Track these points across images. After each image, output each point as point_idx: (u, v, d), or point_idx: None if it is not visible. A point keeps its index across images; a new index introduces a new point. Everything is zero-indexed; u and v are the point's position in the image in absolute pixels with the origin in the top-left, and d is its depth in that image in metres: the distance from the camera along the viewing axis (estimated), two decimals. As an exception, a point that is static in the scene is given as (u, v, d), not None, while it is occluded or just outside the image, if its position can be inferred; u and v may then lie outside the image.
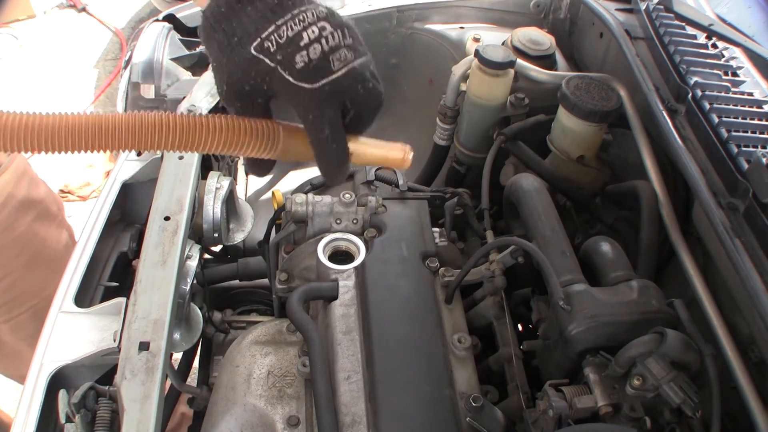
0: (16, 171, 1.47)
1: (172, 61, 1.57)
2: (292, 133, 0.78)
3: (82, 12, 4.62)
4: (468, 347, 1.03)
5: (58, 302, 1.02)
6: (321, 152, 0.78)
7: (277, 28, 0.70)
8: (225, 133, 0.72)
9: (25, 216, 1.49)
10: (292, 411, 0.95)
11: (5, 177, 1.44)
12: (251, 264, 1.47)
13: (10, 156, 1.46)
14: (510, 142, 1.42)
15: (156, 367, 0.89)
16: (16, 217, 1.47)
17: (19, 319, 1.55)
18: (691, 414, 0.85)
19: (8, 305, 1.52)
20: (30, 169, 1.56)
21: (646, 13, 1.46)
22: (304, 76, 0.71)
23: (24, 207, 1.49)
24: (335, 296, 1.07)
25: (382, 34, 1.87)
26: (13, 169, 1.46)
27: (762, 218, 0.96)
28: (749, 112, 1.17)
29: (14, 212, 1.46)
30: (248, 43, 0.70)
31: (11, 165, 1.46)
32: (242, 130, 0.73)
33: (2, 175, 1.43)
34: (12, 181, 1.46)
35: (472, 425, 0.92)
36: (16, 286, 1.51)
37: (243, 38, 0.70)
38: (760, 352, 0.95)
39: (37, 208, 1.53)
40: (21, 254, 1.49)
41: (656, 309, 0.98)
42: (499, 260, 1.10)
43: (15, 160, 1.47)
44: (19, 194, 1.48)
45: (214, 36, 0.72)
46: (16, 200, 1.47)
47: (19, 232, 1.48)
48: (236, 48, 0.71)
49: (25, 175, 1.51)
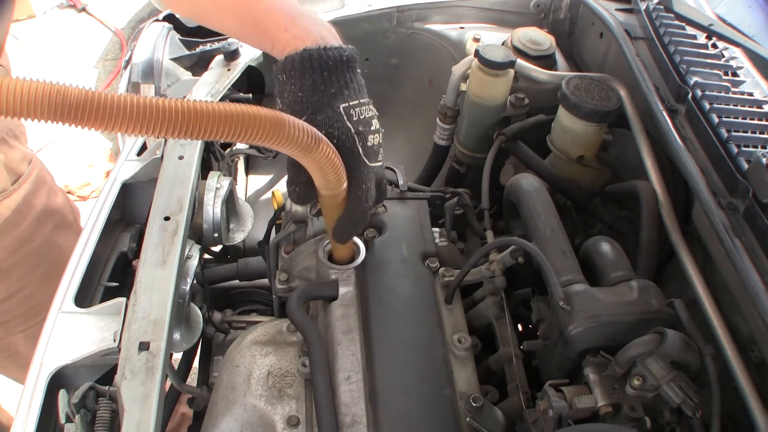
0: (35, 181, 1.45)
1: (172, 61, 1.57)
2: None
3: (82, 12, 4.63)
4: (468, 347, 1.03)
5: (58, 302, 1.02)
6: (352, 215, 0.93)
7: (360, 105, 0.86)
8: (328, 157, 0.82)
9: (44, 227, 1.47)
10: (292, 411, 0.95)
11: (25, 187, 1.41)
12: (251, 264, 1.47)
13: (30, 165, 1.44)
14: (510, 142, 1.42)
15: (156, 367, 0.89)
16: (36, 228, 1.44)
17: (35, 329, 1.53)
18: (691, 414, 0.85)
19: (24, 315, 1.50)
20: (49, 178, 1.53)
21: (646, 13, 1.46)
22: (368, 154, 0.89)
23: (43, 217, 1.46)
24: (335, 296, 1.07)
25: (382, 34, 1.88)
26: (32, 179, 1.44)
27: (762, 218, 0.96)
28: (749, 112, 1.18)
29: (33, 223, 1.44)
30: (340, 101, 0.84)
31: (31, 175, 1.43)
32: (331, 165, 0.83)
33: (22, 186, 1.41)
34: (32, 192, 1.43)
35: (472, 425, 0.92)
36: (33, 297, 1.48)
37: (337, 94, 0.84)
38: (760, 352, 0.95)
39: (55, 218, 1.51)
40: (39, 265, 1.46)
41: (656, 309, 0.98)
42: (499, 260, 1.10)
43: (35, 170, 1.45)
44: (38, 204, 1.45)
45: (311, 75, 0.83)
46: (35, 211, 1.44)
47: (37, 244, 1.45)
48: (327, 96, 0.84)
49: (44, 185, 1.49)
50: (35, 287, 1.48)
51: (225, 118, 0.67)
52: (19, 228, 1.41)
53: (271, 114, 0.70)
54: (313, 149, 0.77)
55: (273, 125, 0.71)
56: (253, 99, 1.61)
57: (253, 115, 0.69)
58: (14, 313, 1.49)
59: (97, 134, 3.65)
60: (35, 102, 0.59)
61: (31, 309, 1.50)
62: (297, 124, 0.74)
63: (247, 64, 1.57)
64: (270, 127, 0.70)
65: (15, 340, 1.54)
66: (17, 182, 1.40)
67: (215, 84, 1.47)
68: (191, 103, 0.66)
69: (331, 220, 0.98)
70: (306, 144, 0.76)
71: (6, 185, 1.37)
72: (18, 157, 1.41)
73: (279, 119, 0.71)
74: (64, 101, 0.60)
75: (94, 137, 3.61)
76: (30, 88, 0.59)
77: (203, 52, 1.63)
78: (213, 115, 0.66)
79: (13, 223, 1.39)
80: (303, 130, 0.74)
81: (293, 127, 0.73)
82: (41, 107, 0.59)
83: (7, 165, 1.38)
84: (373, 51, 1.92)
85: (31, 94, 0.59)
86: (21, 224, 1.41)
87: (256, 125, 0.69)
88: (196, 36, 1.70)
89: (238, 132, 0.69)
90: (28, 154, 1.46)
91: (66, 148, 3.40)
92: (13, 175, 1.39)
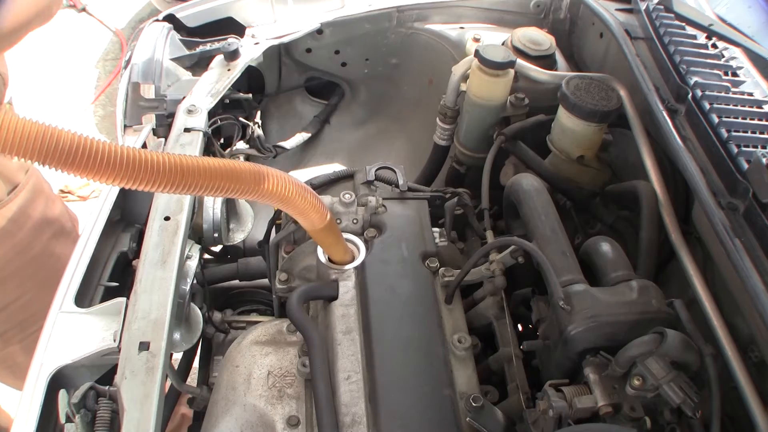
0: (33, 190, 1.45)
1: (172, 61, 1.57)
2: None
3: (82, 12, 4.62)
4: (468, 347, 1.03)
5: (58, 302, 1.02)
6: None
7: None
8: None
9: (42, 236, 1.47)
10: (292, 411, 0.95)
11: (22, 197, 1.41)
12: (251, 264, 1.47)
13: (27, 174, 1.43)
14: (510, 142, 1.42)
15: (156, 367, 0.89)
16: (33, 237, 1.44)
17: (33, 338, 1.53)
18: (691, 414, 0.85)
19: (21, 325, 1.49)
20: (47, 187, 1.53)
21: (646, 13, 1.46)
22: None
23: (40, 226, 1.46)
24: (335, 296, 1.07)
25: (382, 34, 1.88)
26: (30, 188, 1.44)
27: (762, 218, 0.96)
28: (749, 112, 1.17)
29: (31, 232, 1.44)
30: None
31: (28, 184, 1.43)
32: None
33: (18, 195, 1.41)
34: (29, 201, 1.43)
35: (472, 425, 0.92)
36: (30, 305, 1.48)
37: None
38: (760, 352, 0.95)
39: (53, 227, 1.51)
40: (36, 274, 1.46)
41: (656, 309, 0.98)
42: (499, 260, 1.10)
43: (32, 179, 1.45)
44: (35, 214, 1.45)
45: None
46: (32, 220, 1.44)
47: (35, 252, 1.45)
48: None
49: (42, 194, 1.49)
50: (32, 296, 1.47)
51: (210, 174, 0.72)
52: (16, 237, 1.41)
53: (253, 168, 0.76)
54: (292, 199, 0.84)
55: (255, 180, 0.77)
56: (253, 99, 1.61)
57: (236, 170, 0.74)
58: (11, 323, 1.48)
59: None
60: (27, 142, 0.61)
61: (28, 318, 1.49)
62: (277, 177, 0.80)
63: (247, 64, 1.57)
64: (251, 181, 0.77)
65: (13, 352, 1.53)
66: (13, 192, 1.40)
67: (215, 84, 1.47)
68: (180, 158, 0.70)
69: (328, 249, 1.08)
70: (284, 195, 0.82)
71: (2, 195, 1.37)
72: (14, 166, 1.40)
73: (260, 174, 0.77)
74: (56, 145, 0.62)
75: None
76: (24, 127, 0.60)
77: (203, 52, 1.63)
78: (198, 170, 0.71)
79: (10, 233, 1.39)
80: (283, 183, 0.81)
81: (274, 181, 0.79)
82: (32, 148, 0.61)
83: (4, 174, 1.37)
84: (373, 51, 1.92)
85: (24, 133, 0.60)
86: (18, 234, 1.41)
87: (239, 180, 0.75)
88: (196, 36, 1.70)
89: (224, 187, 0.74)
90: (25, 163, 1.45)
91: (66, 148, 3.39)
92: (9, 184, 1.39)
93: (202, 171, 0.71)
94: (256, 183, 0.78)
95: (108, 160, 0.64)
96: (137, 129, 1.40)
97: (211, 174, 0.72)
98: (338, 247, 1.09)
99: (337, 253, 1.11)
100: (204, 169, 0.71)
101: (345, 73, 1.98)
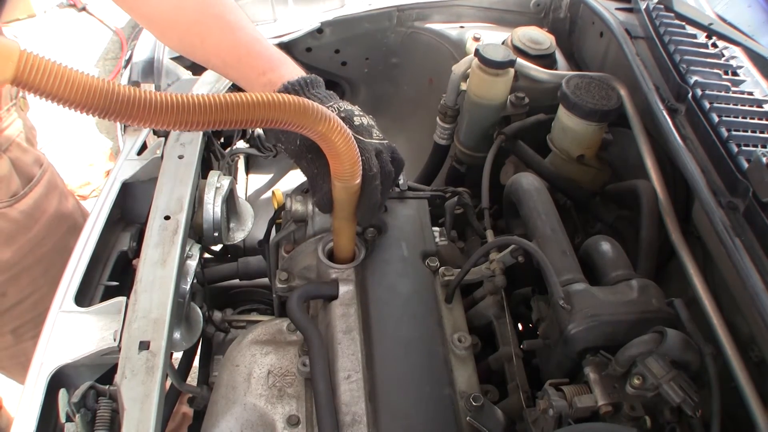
0: (47, 185, 1.43)
1: (172, 60, 1.57)
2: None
3: (82, 11, 4.62)
4: (468, 346, 1.03)
5: (58, 301, 1.02)
6: (366, 191, 0.99)
7: (337, 104, 1.01)
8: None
9: (56, 231, 1.46)
10: (292, 410, 0.95)
11: (37, 191, 1.40)
12: (251, 263, 1.47)
13: (42, 169, 1.43)
14: (510, 141, 1.42)
15: (156, 366, 0.89)
16: (47, 232, 1.43)
17: None
18: (691, 413, 0.85)
19: (35, 321, 1.48)
20: (60, 182, 1.52)
21: (646, 13, 1.46)
22: (359, 132, 0.98)
23: (54, 222, 1.45)
24: (335, 296, 1.07)
25: (382, 33, 1.88)
26: (44, 183, 1.42)
27: (762, 218, 0.96)
28: (749, 112, 1.17)
29: (45, 228, 1.42)
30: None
31: (43, 179, 1.42)
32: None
33: (34, 189, 1.39)
34: (43, 196, 1.42)
35: (473, 425, 0.92)
36: (43, 301, 1.45)
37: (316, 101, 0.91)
38: (760, 351, 0.95)
39: (67, 223, 1.49)
40: (50, 270, 1.45)
41: (656, 308, 0.98)
42: (499, 259, 1.10)
43: (47, 173, 1.44)
44: (50, 209, 1.44)
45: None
46: (47, 215, 1.43)
47: (48, 248, 1.44)
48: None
49: (56, 189, 1.47)
50: (45, 292, 1.46)
51: (254, 107, 0.74)
52: (31, 232, 1.40)
53: (298, 100, 0.79)
54: (334, 130, 0.84)
55: (301, 110, 0.79)
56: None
57: (281, 102, 0.76)
58: (25, 318, 1.48)
59: (97, 133, 3.65)
60: (90, 96, 0.65)
61: (41, 314, 1.48)
62: (320, 108, 0.82)
63: (247, 63, 1.57)
64: (299, 111, 0.79)
65: (26, 348, 1.52)
66: (29, 186, 1.39)
67: (215, 83, 1.47)
68: (227, 96, 0.73)
69: (343, 212, 1.03)
70: (329, 125, 0.83)
71: (18, 189, 1.36)
72: (30, 160, 1.40)
73: (305, 104, 0.79)
74: (115, 98, 0.66)
75: (94, 136, 3.61)
76: (86, 81, 0.65)
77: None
78: (245, 105, 0.74)
79: (26, 227, 1.39)
80: (325, 114, 0.82)
81: (317, 111, 0.81)
82: (95, 101, 0.66)
83: (20, 168, 1.37)
84: (373, 50, 1.92)
85: (86, 87, 0.65)
86: (33, 228, 1.40)
87: (286, 110, 0.77)
88: (196, 35, 1.69)
89: (271, 118, 0.77)
90: (40, 157, 1.45)
91: (66, 147, 3.40)
92: (25, 178, 1.38)
93: (247, 104, 0.74)
94: (315, 122, 0.81)
95: (161, 106, 0.68)
96: (137, 128, 1.40)
97: (254, 105, 0.74)
98: (351, 229, 1.08)
99: (347, 236, 1.09)
100: (247, 102, 0.74)
101: (345, 73, 1.98)
